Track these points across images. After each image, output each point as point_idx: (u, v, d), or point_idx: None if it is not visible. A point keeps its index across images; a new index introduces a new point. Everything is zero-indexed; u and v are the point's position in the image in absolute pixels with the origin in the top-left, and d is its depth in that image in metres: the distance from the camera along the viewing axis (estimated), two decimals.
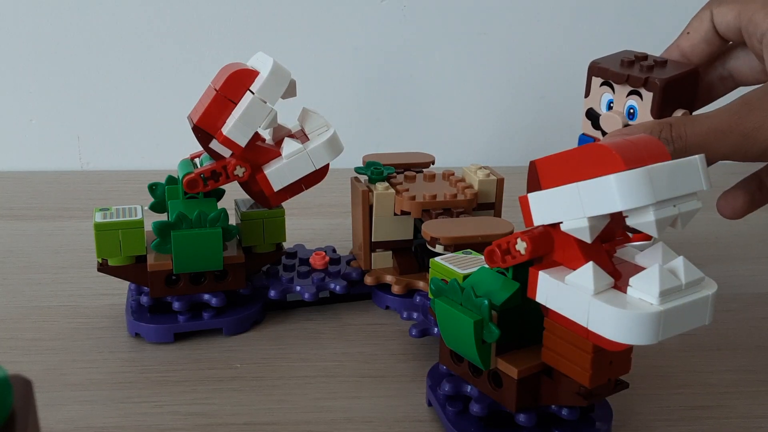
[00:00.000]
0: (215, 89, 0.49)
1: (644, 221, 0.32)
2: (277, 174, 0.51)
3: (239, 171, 0.50)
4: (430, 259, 0.45)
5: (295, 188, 0.52)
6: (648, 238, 0.48)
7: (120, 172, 0.89)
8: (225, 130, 0.49)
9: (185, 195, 0.51)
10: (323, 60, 0.90)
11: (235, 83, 0.49)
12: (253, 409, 0.44)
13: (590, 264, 0.33)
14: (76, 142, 0.92)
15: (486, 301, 0.37)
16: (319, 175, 0.52)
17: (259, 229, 0.53)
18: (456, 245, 0.48)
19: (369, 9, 0.89)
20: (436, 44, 0.90)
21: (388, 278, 0.55)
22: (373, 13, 0.89)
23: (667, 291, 0.32)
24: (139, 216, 0.50)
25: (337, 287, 0.54)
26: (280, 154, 0.51)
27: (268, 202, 0.52)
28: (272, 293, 0.53)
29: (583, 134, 0.51)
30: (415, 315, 0.50)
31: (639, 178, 0.31)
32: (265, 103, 0.49)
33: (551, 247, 0.36)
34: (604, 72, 0.49)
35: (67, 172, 0.89)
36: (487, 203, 0.56)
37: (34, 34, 0.88)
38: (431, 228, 0.49)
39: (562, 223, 0.34)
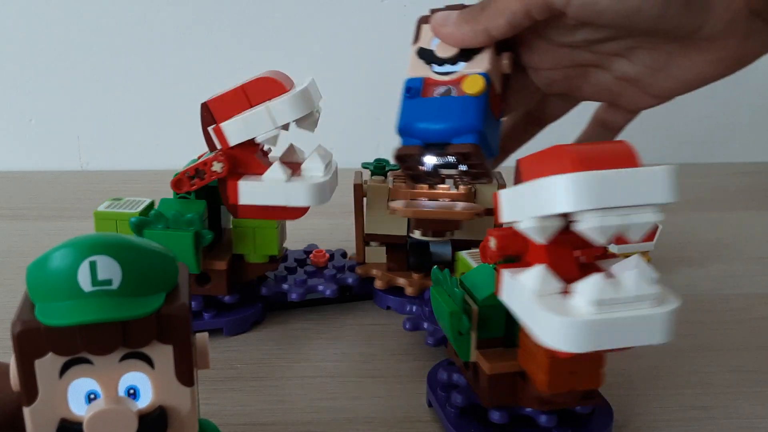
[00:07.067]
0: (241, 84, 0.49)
1: (589, 227, 0.31)
2: (249, 189, 0.49)
3: (217, 166, 0.49)
4: (457, 252, 0.47)
5: (266, 212, 0.50)
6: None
7: (120, 172, 0.89)
8: (224, 122, 0.49)
9: (177, 195, 0.51)
10: (323, 60, 0.90)
11: (260, 87, 0.48)
12: (253, 409, 0.44)
13: (542, 266, 0.33)
14: (76, 142, 0.92)
15: (461, 293, 0.37)
16: (293, 212, 0.50)
17: (250, 239, 0.52)
18: (416, 218, 0.51)
19: (369, 9, 0.89)
20: None
21: (374, 271, 0.56)
22: (373, 13, 0.89)
23: (605, 301, 0.31)
24: (141, 209, 0.51)
25: (350, 280, 0.55)
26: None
27: (234, 210, 0.51)
28: (294, 295, 0.54)
29: (408, 78, 0.46)
30: (425, 325, 0.50)
31: (586, 181, 0.31)
32: (273, 120, 0.48)
33: (524, 246, 0.36)
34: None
35: (67, 172, 0.90)
36: (490, 209, 0.56)
37: (34, 34, 0.88)
38: (395, 203, 0.52)
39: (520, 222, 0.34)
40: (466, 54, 0.45)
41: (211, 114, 0.49)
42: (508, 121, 0.53)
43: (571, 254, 0.35)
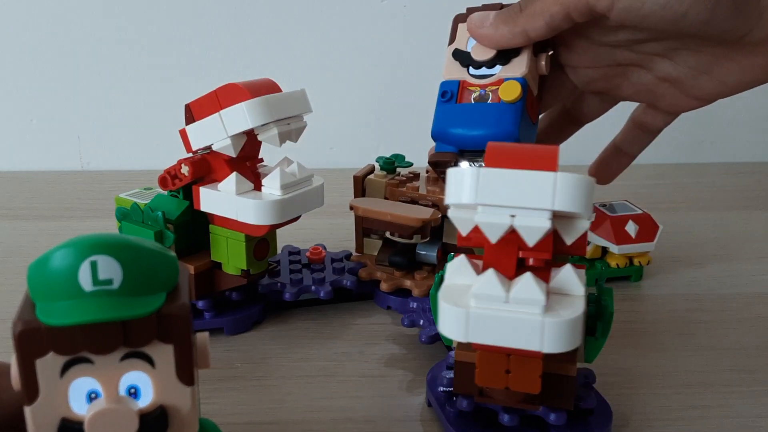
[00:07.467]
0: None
1: (478, 221, 0.33)
2: (206, 196, 0.49)
3: (185, 169, 0.49)
4: None
5: (230, 223, 0.49)
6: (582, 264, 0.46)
7: (120, 172, 0.89)
8: (189, 126, 0.48)
9: (170, 192, 0.51)
10: (323, 60, 0.90)
11: (228, 93, 0.47)
12: (253, 409, 0.44)
13: (462, 257, 0.35)
14: (76, 142, 0.92)
15: (439, 277, 0.38)
16: (251, 227, 0.48)
17: (224, 248, 0.51)
18: (365, 217, 0.52)
19: (369, 9, 0.89)
20: (437, 44, 0.90)
21: (356, 255, 0.58)
22: (373, 13, 0.89)
23: (483, 296, 0.33)
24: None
25: (322, 293, 0.54)
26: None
27: (210, 216, 0.51)
28: (287, 295, 0.53)
29: (444, 81, 0.46)
30: (421, 321, 0.50)
31: (483, 177, 0.32)
32: (224, 128, 0.47)
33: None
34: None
35: (67, 172, 0.90)
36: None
37: (35, 34, 0.88)
38: (358, 201, 0.52)
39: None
40: (503, 56, 0.44)
41: (191, 113, 0.49)
42: (544, 119, 0.52)
43: (514, 254, 0.35)
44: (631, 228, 0.59)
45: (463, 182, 0.33)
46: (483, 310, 0.33)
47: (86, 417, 0.28)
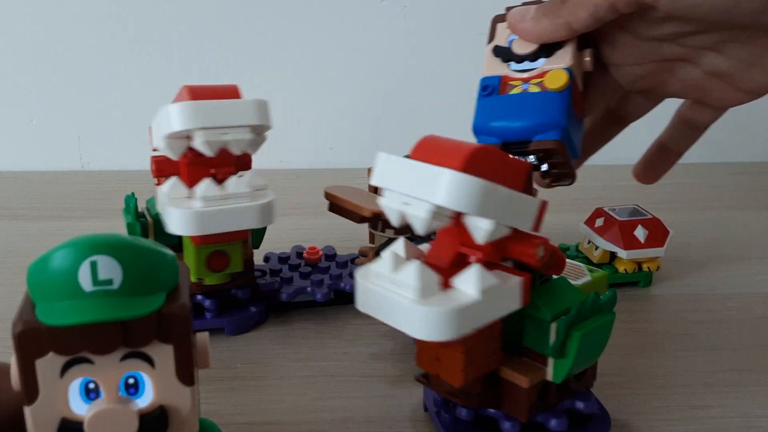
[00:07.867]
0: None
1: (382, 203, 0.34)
2: (158, 196, 0.49)
3: (152, 166, 0.49)
4: None
5: None
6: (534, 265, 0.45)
7: (120, 172, 0.89)
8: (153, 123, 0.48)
9: None
10: (323, 60, 0.90)
11: (182, 94, 0.46)
12: (253, 409, 0.44)
13: (401, 239, 0.36)
14: (76, 142, 0.92)
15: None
16: (195, 238, 0.48)
17: (187, 253, 0.49)
18: (332, 203, 0.53)
19: (369, 9, 0.89)
20: (436, 44, 0.90)
21: (363, 248, 0.58)
22: (373, 13, 0.89)
23: (375, 273, 0.34)
24: None
25: (347, 286, 0.54)
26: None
27: None
28: (283, 296, 0.53)
29: (484, 77, 0.44)
30: None
31: (384, 162, 0.33)
32: (159, 131, 0.46)
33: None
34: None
35: (67, 172, 0.90)
36: None
37: (35, 34, 0.88)
38: (331, 188, 0.53)
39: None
40: (546, 49, 0.42)
41: None
42: (586, 121, 0.50)
43: (454, 247, 0.35)
44: (640, 233, 0.58)
45: (376, 167, 0.34)
46: (372, 285, 0.34)
47: (86, 417, 0.28)
